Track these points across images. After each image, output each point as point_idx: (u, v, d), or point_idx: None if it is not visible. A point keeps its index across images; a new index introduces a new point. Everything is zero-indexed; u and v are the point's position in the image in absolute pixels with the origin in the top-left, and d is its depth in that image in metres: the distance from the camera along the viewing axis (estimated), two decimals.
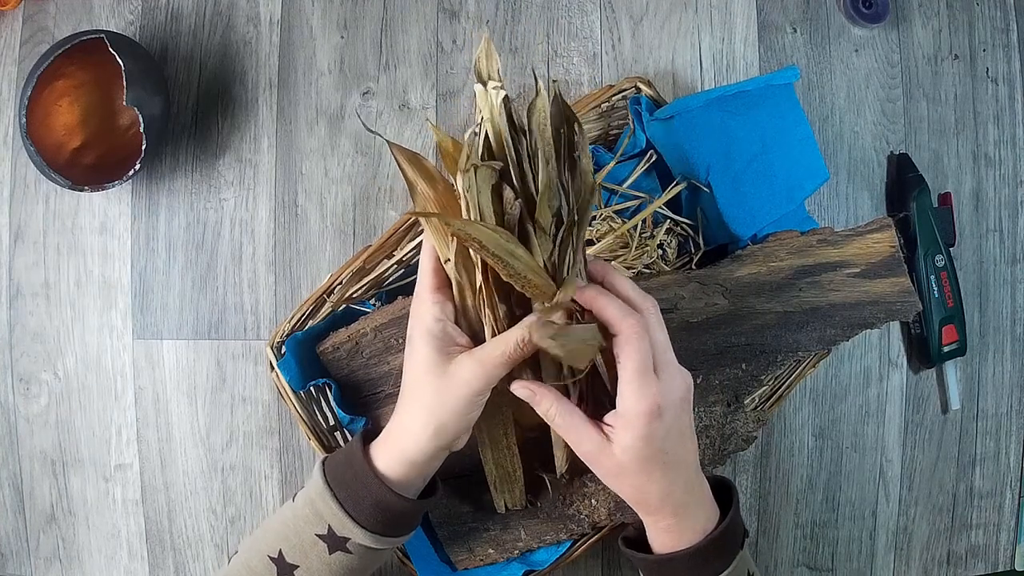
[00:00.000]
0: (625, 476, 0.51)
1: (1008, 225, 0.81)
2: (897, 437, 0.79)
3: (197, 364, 0.75)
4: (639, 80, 0.69)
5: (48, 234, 0.75)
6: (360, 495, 0.53)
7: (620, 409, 0.49)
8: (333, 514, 0.53)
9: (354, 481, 0.53)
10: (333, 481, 0.54)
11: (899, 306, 0.66)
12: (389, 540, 0.54)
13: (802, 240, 0.66)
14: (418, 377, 0.52)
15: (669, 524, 0.53)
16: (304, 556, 0.53)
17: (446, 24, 0.76)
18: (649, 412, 0.49)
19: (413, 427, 0.53)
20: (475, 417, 0.53)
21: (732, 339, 0.64)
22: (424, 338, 0.52)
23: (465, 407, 0.51)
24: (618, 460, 0.50)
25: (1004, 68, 0.81)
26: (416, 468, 0.53)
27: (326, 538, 0.53)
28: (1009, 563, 0.81)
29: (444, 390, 0.51)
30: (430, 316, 0.52)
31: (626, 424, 0.49)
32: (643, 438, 0.49)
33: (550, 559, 0.66)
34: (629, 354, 0.49)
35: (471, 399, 0.51)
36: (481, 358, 0.50)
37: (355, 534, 0.53)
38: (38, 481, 0.75)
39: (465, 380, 0.50)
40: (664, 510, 0.53)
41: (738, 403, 0.65)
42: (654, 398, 0.49)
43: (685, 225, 0.70)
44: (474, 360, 0.50)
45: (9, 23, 0.75)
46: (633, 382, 0.49)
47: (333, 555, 0.53)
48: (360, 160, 0.75)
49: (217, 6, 0.75)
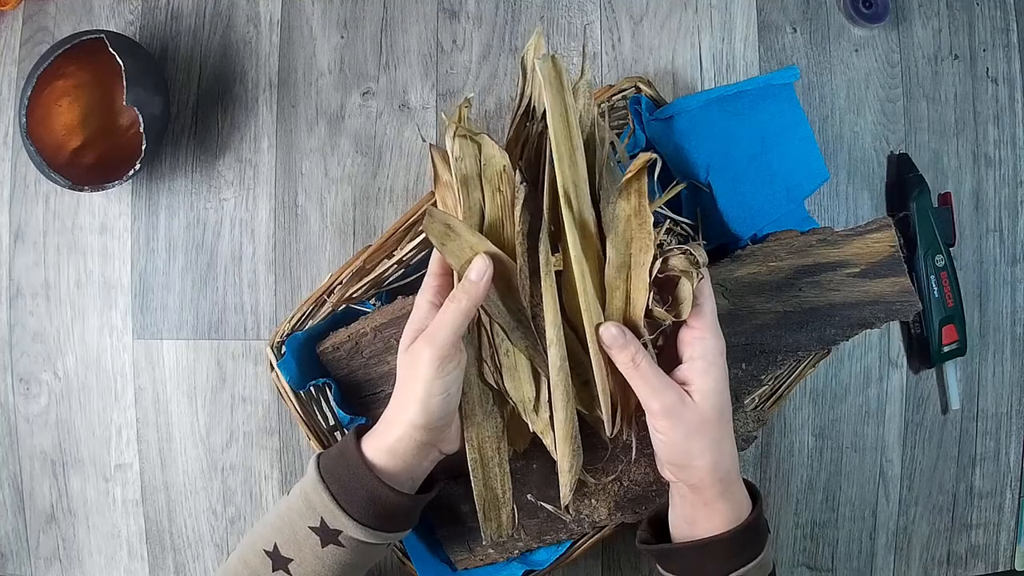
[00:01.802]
0: (707, 430, 0.52)
1: (1008, 225, 0.81)
2: (897, 437, 0.79)
3: (197, 364, 0.75)
4: (639, 80, 0.69)
5: (48, 234, 0.75)
6: (352, 487, 0.53)
7: (695, 354, 0.52)
8: (325, 506, 0.53)
9: (346, 473, 0.54)
10: (326, 473, 0.54)
11: (899, 306, 0.66)
12: (382, 535, 0.54)
13: (802, 240, 0.66)
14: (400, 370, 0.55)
15: (731, 494, 0.53)
16: (298, 549, 0.53)
17: (446, 24, 0.76)
18: (723, 353, 0.52)
19: (396, 415, 0.54)
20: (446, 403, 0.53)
21: (732, 339, 0.64)
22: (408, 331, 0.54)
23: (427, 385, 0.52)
24: (701, 410, 0.51)
25: (1004, 68, 0.81)
26: (399, 460, 0.53)
27: (319, 531, 0.53)
28: (1009, 563, 0.81)
29: (411, 369, 0.53)
30: (423, 298, 0.55)
31: (706, 367, 0.51)
32: (723, 379, 0.52)
33: (550, 559, 0.66)
34: (706, 298, 0.53)
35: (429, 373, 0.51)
36: (426, 329, 0.52)
37: (347, 527, 0.53)
38: (38, 481, 0.75)
39: (420, 354, 0.52)
40: (730, 475, 0.53)
41: (738, 403, 0.65)
42: (721, 343, 0.53)
43: (685, 225, 0.70)
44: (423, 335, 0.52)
45: (9, 23, 0.75)
46: (710, 324, 0.52)
47: (326, 548, 0.53)
48: (360, 160, 0.75)
49: (217, 6, 0.75)
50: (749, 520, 0.53)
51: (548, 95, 0.52)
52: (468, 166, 0.54)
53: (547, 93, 0.52)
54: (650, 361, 0.52)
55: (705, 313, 0.52)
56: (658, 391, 0.51)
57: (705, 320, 0.52)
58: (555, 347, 0.53)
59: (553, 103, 0.52)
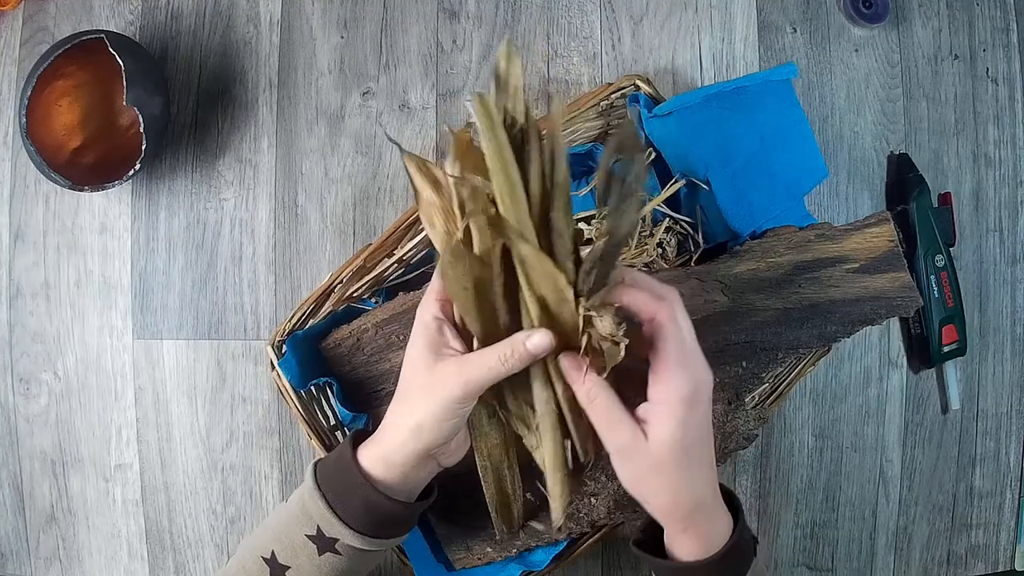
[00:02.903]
0: (662, 473, 0.49)
1: (1008, 225, 0.81)
2: (897, 437, 0.79)
3: (197, 364, 0.74)
4: (638, 78, 0.69)
5: (48, 234, 0.75)
6: (348, 495, 0.53)
7: (657, 397, 0.47)
8: (322, 514, 0.52)
9: (342, 481, 0.53)
10: (323, 481, 0.54)
11: (899, 301, 0.65)
12: (379, 542, 0.54)
13: (800, 235, 0.66)
14: (407, 373, 0.52)
15: (696, 530, 0.51)
16: (295, 557, 0.53)
17: (446, 24, 0.76)
18: (689, 397, 0.47)
19: (395, 423, 0.52)
20: (455, 428, 0.51)
21: (732, 337, 0.64)
22: (419, 334, 0.52)
23: (442, 412, 0.50)
24: (655, 455, 0.48)
25: (1004, 68, 0.81)
26: (395, 470, 0.52)
27: (315, 539, 0.53)
28: (1009, 563, 0.81)
29: (426, 389, 0.50)
30: (429, 313, 0.52)
31: (667, 412, 0.47)
32: (683, 425, 0.47)
33: (547, 558, 0.66)
34: (667, 338, 0.47)
35: (449, 405, 0.50)
36: (465, 364, 0.50)
37: (343, 535, 0.52)
38: (38, 481, 0.75)
39: (446, 383, 0.49)
40: (695, 514, 0.51)
41: (739, 401, 0.65)
42: (694, 382, 0.47)
43: (684, 223, 0.70)
44: (458, 365, 0.50)
45: (9, 23, 0.75)
46: (673, 366, 0.47)
47: (323, 556, 0.53)
48: (360, 160, 0.75)
49: (217, 6, 0.75)
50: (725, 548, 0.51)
51: (483, 137, 0.48)
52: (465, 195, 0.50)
53: (482, 136, 0.48)
54: (607, 396, 0.48)
55: (668, 355, 0.47)
56: (612, 429, 0.49)
57: (668, 362, 0.47)
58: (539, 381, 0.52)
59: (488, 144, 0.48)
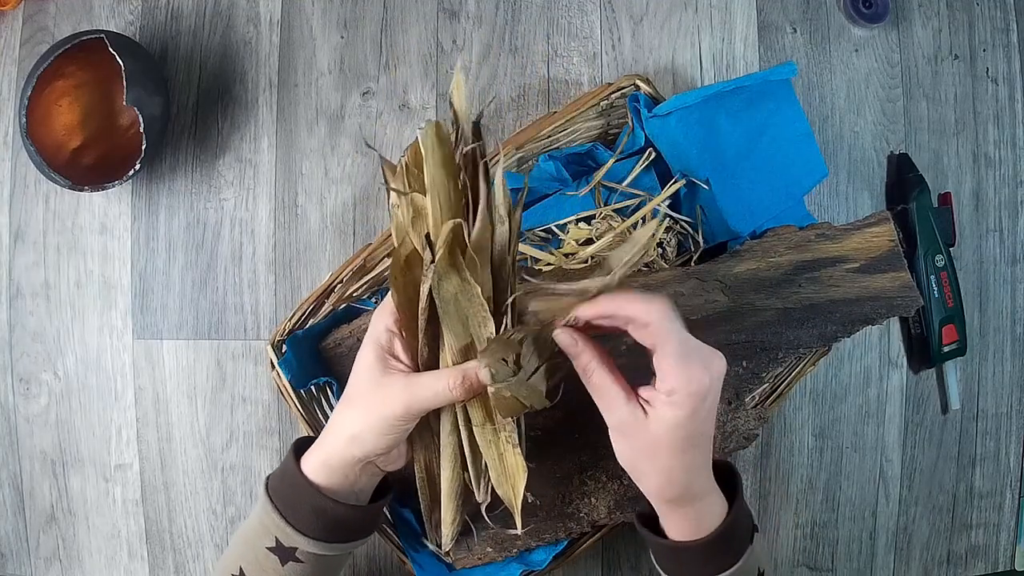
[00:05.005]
0: (658, 456, 0.49)
1: (1008, 225, 0.81)
2: (897, 437, 0.79)
3: (197, 364, 0.74)
4: (638, 77, 0.69)
5: (48, 234, 0.75)
6: (296, 504, 0.53)
7: (667, 387, 0.47)
8: (276, 526, 0.53)
9: (290, 491, 0.53)
10: (273, 493, 0.54)
11: (899, 301, 0.65)
12: (338, 546, 0.54)
13: (800, 235, 0.66)
14: (355, 380, 0.53)
15: (687, 512, 0.52)
16: (261, 571, 0.53)
17: (446, 24, 0.76)
18: (700, 392, 0.47)
19: (336, 429, 0.53)
20: (394, 441, 0.52)
21: (732, 336, 0.64)
22: (370, 343, 0.53)
23: (381, 427, 0.51)
24: (654, 436, 0.48)
25: (1004, 68, 0.81)
26: (335, 474, 0.53)
27: (276, 550, 0.53)
28: (1009, 563, 0.81)
29: (370, 401, 0.52)
30: (383, 324, 0.53)
31: (676, 402, 0.47)
32: (690, 417, 0.47)
33: (548, 558, 0.66)
34: (667, 336, 0.47)
35: (389, 421, 0.51)
36: (411, 385, 0.51)
37: (300, 543, 0.52)
38: (38, 481, 0.75)
39: (388, 400, 0.51)
40: (686, 497, 0.51)
41: (739, 401, 0.65)
42: (704, 378, 0.48)
43: (684, 223, 0.70)
44: (404, 385, 0.51)
45: (9, 23, 0.75)
46: (680, 362, 0.47)
47: (286, 566, 0.53)
48: (360, 160, 0.75)
49: (217, 6, 0.75)
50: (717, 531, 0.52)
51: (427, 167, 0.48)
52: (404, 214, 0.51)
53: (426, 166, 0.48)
54: (604, 373, 0.49)
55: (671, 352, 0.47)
56: (610, 405, 0.49)
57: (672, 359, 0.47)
58: (446, 413, 0.54)
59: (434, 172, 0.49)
